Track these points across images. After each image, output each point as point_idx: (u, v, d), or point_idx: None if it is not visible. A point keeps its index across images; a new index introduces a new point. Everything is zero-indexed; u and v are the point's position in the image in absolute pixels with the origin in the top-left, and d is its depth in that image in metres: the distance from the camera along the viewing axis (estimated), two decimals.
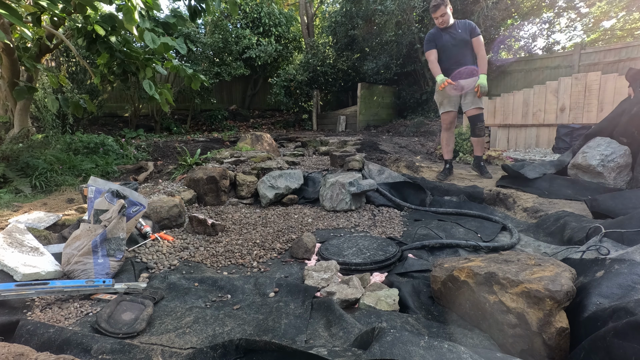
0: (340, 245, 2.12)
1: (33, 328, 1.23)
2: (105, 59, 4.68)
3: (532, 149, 5.66)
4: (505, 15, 9.93)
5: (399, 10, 9.51)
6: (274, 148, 5.50)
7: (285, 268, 1.94)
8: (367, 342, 1.01)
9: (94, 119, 7.92)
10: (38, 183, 3.66)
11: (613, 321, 0.95)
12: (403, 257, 1.97)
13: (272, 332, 1.31)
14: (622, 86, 4.76)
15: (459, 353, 0.87)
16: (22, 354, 0.98)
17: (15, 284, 1.47)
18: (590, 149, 3.10)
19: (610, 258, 1.32)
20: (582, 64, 8.41)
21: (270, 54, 10.24)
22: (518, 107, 5.88)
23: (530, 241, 2.13)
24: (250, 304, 1.52)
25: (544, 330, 1.06)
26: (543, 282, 1.10)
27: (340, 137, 7.58)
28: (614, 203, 2.28)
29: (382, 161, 4.46)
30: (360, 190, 2.96)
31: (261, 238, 2.38)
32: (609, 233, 1.73)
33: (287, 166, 4.06)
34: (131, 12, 2.75)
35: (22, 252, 1.77)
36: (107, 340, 1.19)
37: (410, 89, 11.44)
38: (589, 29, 12.69)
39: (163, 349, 1.19)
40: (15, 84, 4.34)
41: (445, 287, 1.43)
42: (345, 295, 1.47)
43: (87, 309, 1.51)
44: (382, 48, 10.80)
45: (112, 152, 5.17)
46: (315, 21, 14.13)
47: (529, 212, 2.61)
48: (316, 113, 11.33)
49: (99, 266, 1.75)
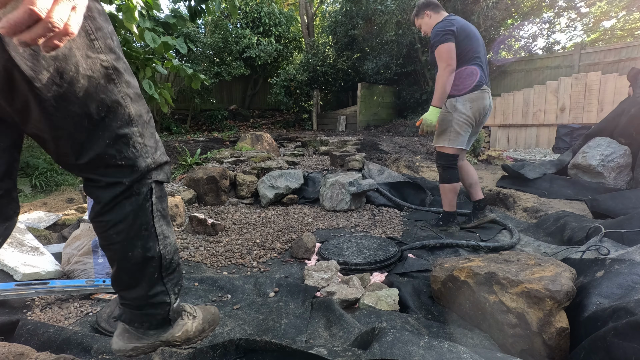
0: (340, 245, 2.12)
1: (33, 328, 1.23)
2: None
3: (532, 149, 5.66)
4: (505, 15, 9.93)
5: (399, 10, 9.51)
6: (274, 148, 5.50)
7: (285, 268, 1.94)
8: (367, 341, 1.01)
9: None
10: (38, 183, 3.66)
11: (613, 321, 0.96)
12: (403, 257, 1.97)
13: (272, 332, 1.31)
14: (622, 86, 4.76)
15: (459, 353, 0.87)
16: (22, 354, 0.98)
17: (15, 284, 1.47)
18: (590, 149, 3.10)
19: (610, 258, 1.32)
20: (582, 64, 8.40)
21: (270, 53, 10.24)
22: (518, 107, 5.88)
23: (530, 241, 2.13)
24: (250, 303, 1.52)
25: (544, 330, 1.06)
26: (543, 282, 1.10)
27: (340, 137, 7.58)
28: (614, 203, 2.28)
29: (382, 161, 4.46)
30: (360, 190, 2.96)
31: (261, 238, 2.38)
32: (609, 233, 1.73)
33: (287, 166, 4.06)
34: (131, 11, 2.75)
35: (22, 252, 1.77)
36: (107, 340, 1.19)
37: (410, 89, 11.43)
38: (589, 29, 12.69)
39: (163, 348, 1.19)
40: None
41: (445, 287, 1.43)
42: (345, 295, 1.47)
43: (87, 308, 1.51)
44: (382, 48, 10.79)
45: None
46: (315, 21, 14.13)
47: (529, 212, 2.61)
48: (316, 113, 11.33)
49: (99, 266, 1.75)
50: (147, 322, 0.92)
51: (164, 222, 0.89)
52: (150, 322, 0.93)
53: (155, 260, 0.87)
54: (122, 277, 0.87)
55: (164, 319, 0.94)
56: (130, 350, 0.92)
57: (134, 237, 0.83)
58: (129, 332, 0.93)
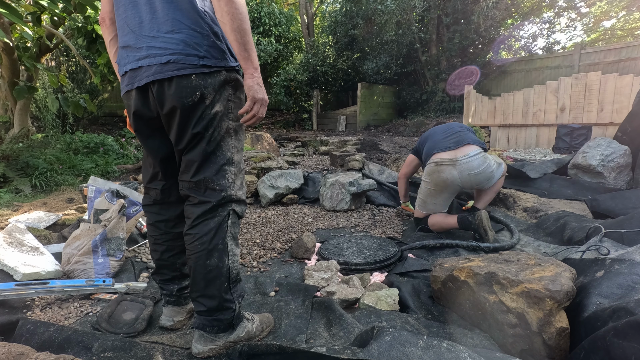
0: (340, 245, 2.12)
1: (33, 327, 1.23)
2: (106, 58, 4.68)
3: (532, 149, 5.66)
4: (505, 15, 9.93)
5: (399, 10, 9.50)
6: (274, 148, 5.50)
7: (285, 268, 1.95)
8: (366, 340, 1.01)
9: (94, 118, 7.92)
10: (38, 183, 3.66)
11: (613, 321, 0.96)
12: (403, 257, 1.97)
13: (272, 332, 1.31)
14: (623, 86, 4.76)
15: (457, 352, 0.87)
16: (22, 354, 0.98)
17: (15, 284, 1.47)
18: (591, 149, 3.10)
19: (610, 258, 1.32)
20: (582, 63, 8.41)
21: (270, 53, 10.24)
22: (518, 107, 5.88)
23: (530, 241, 2.13)
24: (250, 303, 1.52)
25: (544, 330, 1.06)
26: (543, 282, 1.10)
27: (340, 137, 7.58)
28: (614, 203, 2.28)
29: (382, 161, 4.46)
30: (360, 190, 2.97)
31: (261, 238, 2.38)
32: (609, 233, 1.73)
33: (287, 166, 4.06)
34: None
35: (22, 252, 1.77)
36: (108, 338, 1.19)
37: (410, 89, 11.42)
38: (589, 29, 12.68)
39: (164, 347, 1.19)
40: (15, 83, 4.33)
41: (445, 287, 1.43)
42: (345, 295, 1.47)
43: (87, 308, 1.51)
44: (382, 48, 10.79)
45: (112, 152, 5.17)
46: (315, 21, 14.13)
47: (529, 212, 2.61)
48: (316, 113, 11.32)
49: (99, 266, 1.75)
50: (216, 326, 1.13)
51: (234, 243, 1.16)
52: (218, 327, 1.14)
53: (225, 271, 1.12)
54: (199, 283, 1.11)
55: (229, 324, 1.15)
56: (207, 351, 1.13)
57: (212, 249, 1.10)
58: (204, 336, 1.14)
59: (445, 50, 10.14)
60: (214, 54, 1.07)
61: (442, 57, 10.22)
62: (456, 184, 2.19)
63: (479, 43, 10.14)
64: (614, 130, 4.33)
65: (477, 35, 9.71)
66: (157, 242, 1.28)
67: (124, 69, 1.12)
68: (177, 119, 1.07)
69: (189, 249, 1.12)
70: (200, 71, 1.04)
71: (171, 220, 1.27)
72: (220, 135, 1.10)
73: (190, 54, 1.04)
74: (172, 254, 1.29)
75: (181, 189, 1.17)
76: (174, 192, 1.25)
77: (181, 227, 1.23)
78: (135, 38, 1.08)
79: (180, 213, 1.25)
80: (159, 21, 1.05)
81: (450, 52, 10.02)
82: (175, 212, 1.27)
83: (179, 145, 1.11)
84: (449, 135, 2.29)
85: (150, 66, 1.05)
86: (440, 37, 10.50)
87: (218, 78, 1.08)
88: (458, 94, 9.27)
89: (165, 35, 1.05)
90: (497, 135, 6.23)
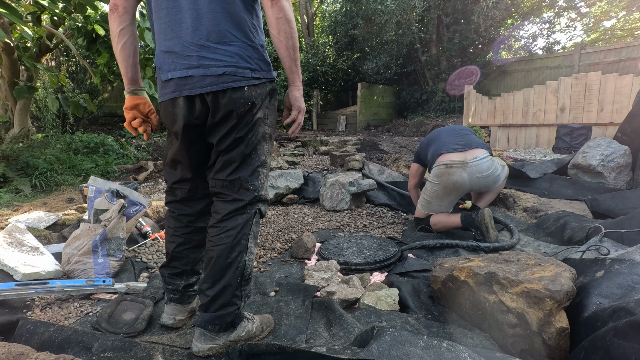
0: (340, 245, 2.12)
1: (33, 327, 1.23)
2: (106, 58, 4.69)
3: (532, 149, 5.66)
4: (505, 15, 9.93)
5: (399, 10, 9.50)
6: (274, 147, 5.51)
7: (285, 268, 1.94)
8: (366, 340, 1.01)
9: (94, 118, 7.93)
10: (38, 183, 3.66)
11: (613, 321, 0.96)
12: (403, 257, 1.97)
13: (272, 332, 1.31)
14: (623, 86, 4.76)
15: (457, 352, 0.87)
16: (22, 354, 0.98)
17: (15, 284, 1.47)
18: (591, 149, 3.10)
19: (610, 258, 1.32)
20: (582, 63, 8.41)
21: (270, 53, 10.23)
22: (518, 107, 5.88)
23: (530, 241, 2.13)
24: (250, 303, 1.52)
25: (544, 330, 1.06)
26: (543, 282, 1.10)
27: (340, 137, 7.58)
28: (614, 203, 2.28)
29: (382, 161, 4.47)
30: (360, 190, 2.97)
31: (261, 238, 2.38)
32: (609, 233, 1.73)
33: (287, 166, 4.06)
34: None
35: (22, 252, 1.77)
36: (108, 338, 1.19)
37: (410, 89, 11.42)
38: (589, 29, 12.68)
39: (164, 347, 1.19)
40: (15, 83, 4.34)
41: (445, 287, 1.43)
42: (345, 295, 1.47)
43: (87, 308, 1.51)
44: (382, 48, 10.79)
45: (112, 152, 5.17)
46: (315, 21, 14.12)
47: (529, 212, 2.61)
48: (316, 113, 11.32)
49: (99, 266, 1.75)
50: (218, 324, 1.15)
51: (254, 241, 1.21)
52: (220, 325, 1.15)
53: (241, 267, 1.16)
54: (216, 274, 1.14)
55: (231, 322, 1.17)
56: (207, 350, 1.14)
57: (236, 244, 1.15)
58: (204, 335, 1.15)
59: (445, 50, 10.15)
60: (263, 66, 1.15)
61: (442, 57, 10.22)
62: (465, 186, 2.19)
63: (479, 43, 10.14)
64: (614, 130, 4.33)
65: (477, 35, 9.72)
66: (176, 233, 1.31)
67: (170, 75, 1.12)
68: (226, 125, 1.13)
69: (212, 240, 1.16)
70: (252, 83, 1.12)
71: (193, 215, 1.31)
72: (257, 139, 1.17)
73: (243, 66, 1.10)
74: (187, 247, 1.32)
75: (213, 186, 1.20)
76: (200, 190, 1.29)
77: (201, 223, 1.31)
78: (181, 44, 1.09)
79: (202, 209, 1.31)
80: (207, 29, 1.07)
81: (450, 52, 10.03)
82: (198, 207, 1.31)
83: (220, 147, 1.16)
84: (455, 137, 2.30)
85: (204, 77, 1.08)
86: (440, 37, 10.51)
87: (265, 89, 1.16)
88: (458, 94, 9.28)
89: (217, 46, 1.08)
90: (497, 135, 6.23)
